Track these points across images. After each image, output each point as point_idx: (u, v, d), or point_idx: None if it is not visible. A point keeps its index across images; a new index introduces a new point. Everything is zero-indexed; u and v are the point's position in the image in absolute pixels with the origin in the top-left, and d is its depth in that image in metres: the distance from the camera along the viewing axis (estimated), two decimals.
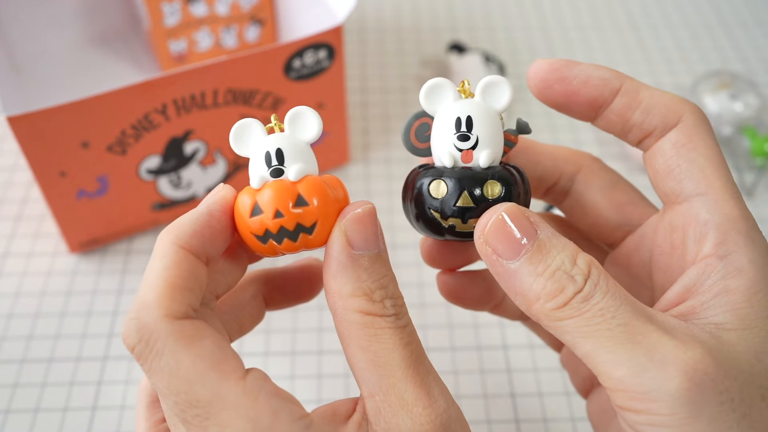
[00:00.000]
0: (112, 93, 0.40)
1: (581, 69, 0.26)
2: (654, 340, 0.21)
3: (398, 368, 0.23)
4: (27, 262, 0.47)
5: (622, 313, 0.21)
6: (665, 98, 0.25)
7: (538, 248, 0.23)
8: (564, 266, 0.22)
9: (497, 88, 0.26)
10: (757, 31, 0.65)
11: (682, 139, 0.25)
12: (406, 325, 0.24)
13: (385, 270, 0.24)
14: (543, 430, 0.40)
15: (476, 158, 0.25)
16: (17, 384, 0.41)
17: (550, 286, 0.22)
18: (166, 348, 0.22)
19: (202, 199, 0.48)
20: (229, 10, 0.56)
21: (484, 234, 0.23)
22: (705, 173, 0.24)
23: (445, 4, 0.68)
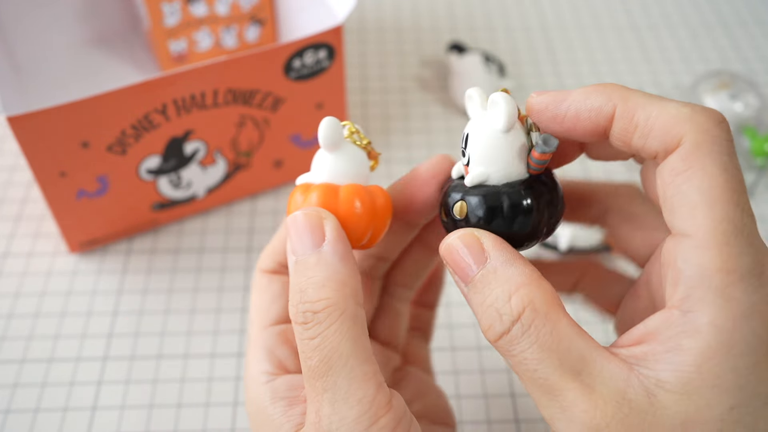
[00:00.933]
0: (112, 93, 0.40)
1: (570, 103, 0.24)
2: (569, 400, 0.21)
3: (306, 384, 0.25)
4: (27, 262, 0.47)
5: (543, 368, 0.21)
6: (663, 118, 0.22)
7: (480, 278, 0.23)
8: (497, 303, 0.22)
9: (495, 108, 0.25)
10: (757, 31, 0.65)
11: (678, 167, 0.21)
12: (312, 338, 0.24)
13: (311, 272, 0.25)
14: (543, 430, 0.40)
15: (468, 175, 0.25)
16: (17, 384, 0.41)
17: (485, 320, 0.22)
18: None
19: (202, 200, 0.48)
20: (229, 10, 0.56)
21: (441, 252, 0.24)
22: (694, 211, 0.21)
23: (445, 4, 0.68)
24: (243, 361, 0.43)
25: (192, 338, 0.43)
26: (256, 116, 0.46)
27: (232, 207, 0.51)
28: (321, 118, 0.49)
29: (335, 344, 0.23)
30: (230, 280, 0.46)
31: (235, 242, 0.48)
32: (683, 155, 0.21)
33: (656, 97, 0.23)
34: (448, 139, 0.55)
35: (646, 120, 0.22)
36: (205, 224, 0.50)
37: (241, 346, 0.43)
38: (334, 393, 0.23)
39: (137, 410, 0.40)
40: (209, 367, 0.42)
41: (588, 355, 0.21)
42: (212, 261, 0.47)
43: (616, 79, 0.60)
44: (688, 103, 0.22)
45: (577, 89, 0.24)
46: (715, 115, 0.21)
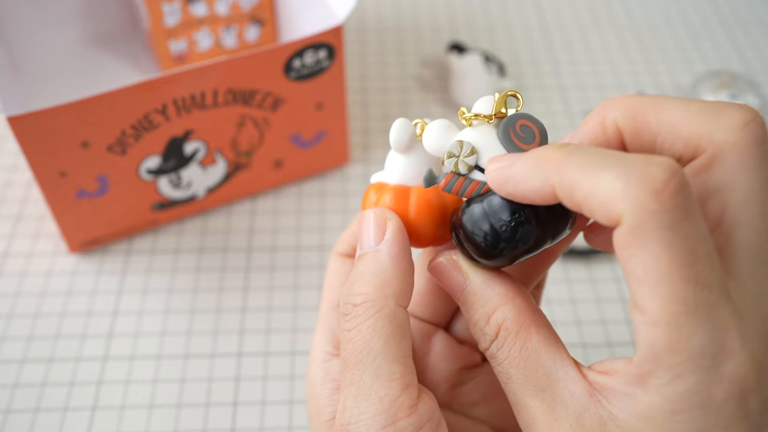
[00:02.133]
0: (112, 93, 0.40)
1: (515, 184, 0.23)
2: (530, 416, 0.23)
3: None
4: (27, 262, 0.47)
5: (512, 382, 0.23)
6: (598, 197, 0.20)
7: (463, 300, 0.25)
8: (479, 323, 0.24)
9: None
10: (757, 31, 0.65)
11: (622, 243, 0.20)
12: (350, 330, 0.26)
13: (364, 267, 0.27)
14: None
15: None
16: (17, 384, 0.41)
17: (474, 336, 0.25)
18: None
19: (202, 200, 0.49)
20: (229, 10, 0.56)
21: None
22: (643, 289, 0.20)
23: (445, 4, 0.68)
24: (243, 361, 0.43)
25: (192, 338, 0.43)
26: (256, 116, 0.46)
27: (232, 207, 0.51)
28: (321, 118, 0.49)
29: (367, 339, 0.24)
30: (230, 280, 0.46)
31: (235, 242, 0.48)
32: (624, 234, 0.19)
33: (595, 162, 0.20)
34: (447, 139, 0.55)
35: (585, 200, 0.20)
36: (205, 224, 0.50)
37: (241, 346, 0.43)
38: (358, 387, 0.24)
39: (137, 410, 0.40)
40: (209, 367, 0.42)
41: (554, 373, 0.22)
42: (212, 261, 0.47)
43: (616, 80, 0.60)
44: (626, 165, 0.20)
45: (518, 165, 0.22)
46: (654, 181, 0.19)
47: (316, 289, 0.46)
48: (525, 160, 0.22)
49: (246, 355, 0.43)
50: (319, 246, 0.48)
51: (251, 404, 0.41)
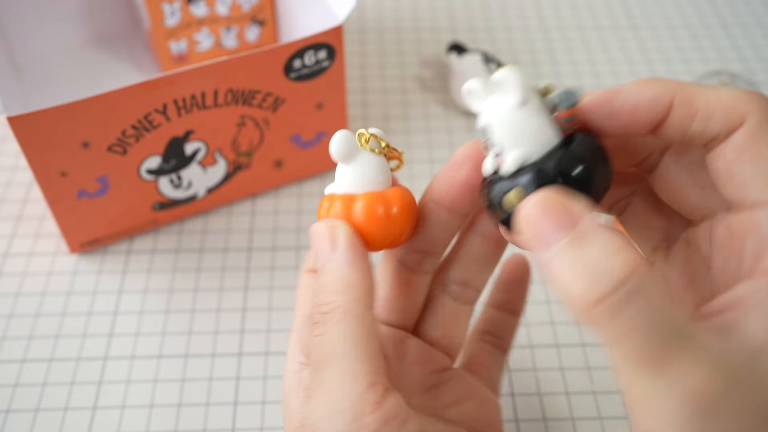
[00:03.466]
0: (112, 93, 0.40)
1: (627, 96, 0.24)
2: (677, 372, 0.20)
3: None
4: (27, 262, 0.47)
5: (651, 338, 0.20)
6: (724, 99, 0.22)
7: (575, 239, 0.21)
8: (600, 264, 0.20)
9: (506, 86, 0.24)
10: (757, 31, 0.65)
11: (745, 143, 0.22)
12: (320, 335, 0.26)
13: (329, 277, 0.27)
14: (543, 429, 0.40)
15: (504, 164, 0.24)
16: (17, 384, 0.41)
17: (583, 281, 0.20)
18: None
19: (202, 200, 0.49)
20: (230, 10, 0.56)
21: (519, 222, 0.22)
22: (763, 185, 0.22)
23: (445, 4, 0.68)
24: (243, 361, 0.43)
25: (192, 338, 0.44)
26: (257, 116, 0.46)
27: (232, 207, 0.51)
28: (321, 118, 0.49)
29: (334, 342, 0.25)
30: (230, 280, 0.46)
31: (235, 242, 0.49)
32: (749, 132, 0.22)
33: (708, 85, 0.23)
34: (448, 139, 0.55)
35: (707, 104, 0.23)
36: (205, 224, 0.50)
37: (242, 346, 0.43)
38: (327, 386, 0.24)
39: (137, 410, 0.40)
40: (209, 367, 0.42)
41: (689, 325, 0.20)
42: (212, 261, 0.47)
43: (616, 80, 0.60)
44: (741, 89, 0.23)
45: (629, 84, 0.24)
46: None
47: None
48: (633, 82, 0.24)
49: (246, 355, 0.43)
50: None
51: (251, 404, 0.41)
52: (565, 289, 0.20)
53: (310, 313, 0.26)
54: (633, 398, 0.20)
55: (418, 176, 0.52)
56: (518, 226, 0.22)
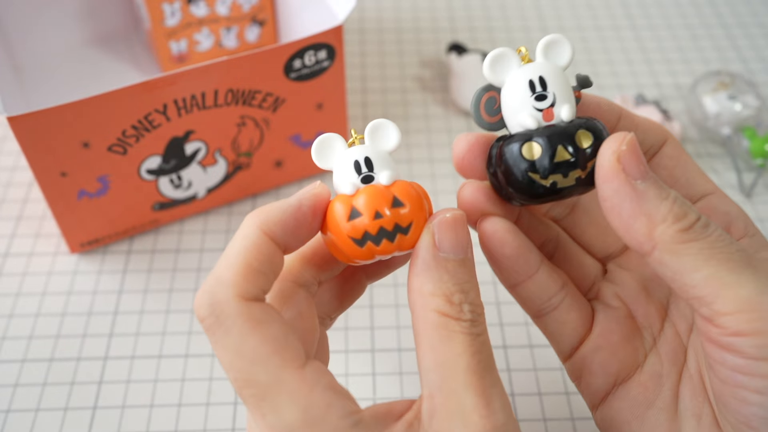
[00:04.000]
0: (112, 93, 0.40)
1: (590, 97, 0.28)
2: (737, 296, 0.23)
3: (462, 374, 0.23)
4: (27, 262, 0.47)
5: (734, 241, 0.24)
6: (651, 122, 0.28)
7: (655, 176, 0.24)
8: (680, 197, 0.24)
9: (557, 46, 0.27)
10: (757, 31, 0.65)
11: (676, 154, 0.28)
12: (480, 334, 0.24)
13: (468, 276, 0.25)
14: (543, 429, 0.40)
15: (557, 114, 0.26)
16: (17, 384, 0.41)
17: (676, 209, 0.24)
18: (234, 327, 0.23)
19: (202, 200, 0.49)
20: (230, 10, 0.56)
21: (618, 152, 0.24)
22: (704, 178, 0.28)
23: (445, 4, 0.68)
24: None
25: (192, 338, 0.44)
26: (257, 116, 0.46)
27: (232, 207, 0.51)
28: (321, 118, 0.49)
29: (490, 346, 0.25)
30: None
31: None
32: (675, 147, 0.29)
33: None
34: (448, 139, 0.55)
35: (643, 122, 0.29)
36: (205, 224, 0.50)
37: None
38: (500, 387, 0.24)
39: (137, 410, 0.40)
40: (209, 367, 0.42)
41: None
42: (212, 261, 0.47)
43: (616, 80, 0.60)
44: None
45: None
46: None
47: None
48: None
49: None
50: None
51: None
52: (657, 217, 0.24)
53: (453, 307, 0.24)
54: (742, 304, 0.22)
55: (418, 176, 0.52)
56: (617, 152, 0.24)
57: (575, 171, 0.25)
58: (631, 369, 0.29)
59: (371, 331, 0.44)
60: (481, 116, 0.27)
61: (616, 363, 0.29)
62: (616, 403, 0.29)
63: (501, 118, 0.27)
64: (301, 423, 0.23)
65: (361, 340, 0.43)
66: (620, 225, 0.24)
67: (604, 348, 0.29)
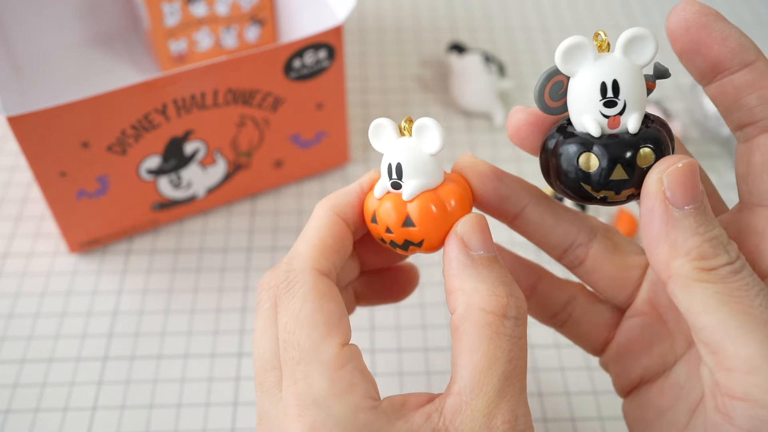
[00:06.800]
0: (112, 93, 0.40)
1: (726, 26, 0.23)
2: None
3: (497, 379, 0.24)
4: (27, 262, 0.47)
5: (764, 296, 0.22)
6: (742, 362, 0.22)
7: (703, 210, 0.23)
8: (722, 237, 0.22)
9: (640, 43, 0.24)
10: (757, 31, 0.65)
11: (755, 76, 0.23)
12: (521, 338, 0.25)
13: (504, 270, 0.25)
14: (543, 429, 0.40)
15: (623, 123, 0.24)
16: (17, 384, 0.41)
17: (705, 247, 0.22)
18: (299, 293, 0.25)
19: (202, 200, 0.49)
20: (229, 10, 0.56)
21: (666, 173, 0.23)
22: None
23: (445, 4, 0.68)
24: (243, 361, 0.43)
25: (192, 338, 0.44)
26: (256, 116, 0.46)
27: (232, 207, 0.51)
28: (321, 118, 0.49)
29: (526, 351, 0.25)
30: (230, 280, 0.46)
31: (235, 242, 0.49)
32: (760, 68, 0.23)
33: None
34: (449, 139, 0.55)
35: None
36: (205, 224, 0.50)
37: (242, 346, 0.43)
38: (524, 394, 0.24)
39: (137, 410, 0.40)
40: (209, 367, 0.42)
41: None
42: (212, 261, 0.47)
43: None
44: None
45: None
46: None
47: None
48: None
49: (246, 355, 0.43)
50: None
51: (251, 404, 0.41)
52: (681, 249, 0.22)
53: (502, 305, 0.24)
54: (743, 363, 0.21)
55: None
56: (664, 173, 0.23)
57: (629, 189, 0.24)
58: (655, 374, 0.29)
59: (396, 330, 0.44)
60: (545, 101, 0.25)
61: (639, 368, 0.29)
62: (636, 400, 0.29)
63: (565, 103, 0.25)
64: (326, 394, 0.24)
65: (388, 339, 0.43)
66: (646, 244, 0.23)
67: (625, 354, 0.29)
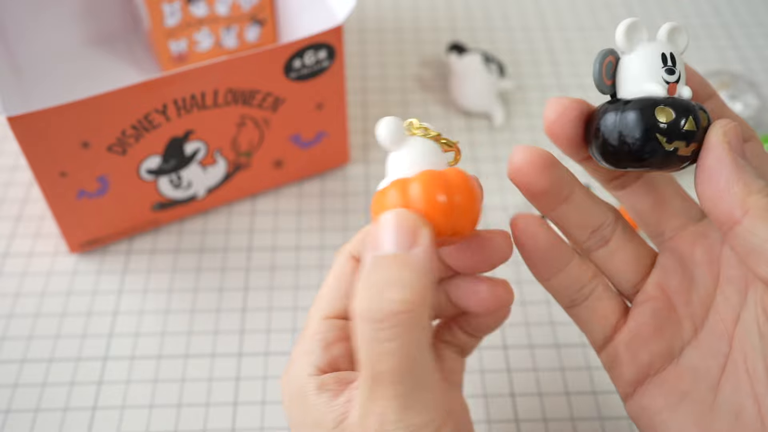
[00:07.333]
0: (112, 93, 0.40)
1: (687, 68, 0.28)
2: None
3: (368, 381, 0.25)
4: (27, 262, 0.47)
5: None
6: (739, 117, 0.28)
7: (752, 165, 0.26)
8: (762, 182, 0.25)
9: (678, 33, 0.28)
10: (757, 31, 0.65)
11: (759, 152, 0.28)
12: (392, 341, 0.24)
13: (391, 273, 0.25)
14: (543, 429, 0.40)
15: (679, 92, 0.27)
16: (17, 384, 0.41)
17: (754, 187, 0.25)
18: None
19: (202, 200, 0.49)
20: (230, 10, 0.56)
21: (727, 128, 0.26)
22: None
23: (445, 4, 0.68)
24: (243, 361, 0.43)
25: (192, 338, 0.44)
26: (256, 116, 0.46)
27: (232, 207, 0.51)
28: (321, 118, 0.49)
29: (413, 351, 0.23)
30: (230, 280, 0.46)
31: (235, 242, 0.49)
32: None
33: None
34: None
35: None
36: (205, 224, 0.50)
37: (241, 346, 0.43)
38: (406, 400, 0.23)
39: (137, 410, 0.40)
40: (209, 367, 0.42)
41: None
42: (212, 261, 0.47)
43: None
44: None
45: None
46: None
47: (315, 289, 0.46)
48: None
49: (246, 355, 0.43)
50: (319, 246, 0.48)
51: (251, 404, 0.41)
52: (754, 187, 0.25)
53: (364, 309, 0.23)
54: None
55: None
56: (716, 131, 0.26)
57: (693, 144, 0.26)
58: (665, 361, 0.29)
59: None
60: (602, 78, 0.28)
61: (648, 355, 0.29)
62: (650, 390, 0.29)
63: (614, 83, 0.28)
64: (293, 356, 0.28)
65: None
66: (714, 192, 0.25)
67: (636, 339, 0.29)
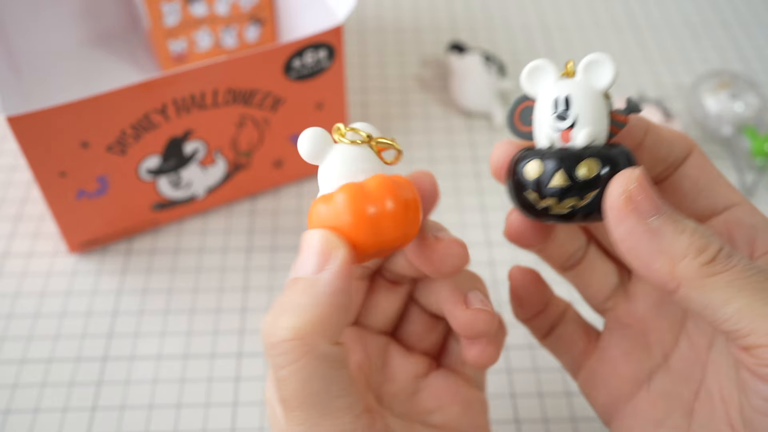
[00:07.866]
0: (112, 93, 0.40)
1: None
2: None
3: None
4: (27, 262, 0.47)
5: (761, 270, 0.22)
6: (677, 134, 0.27)
7: (671, 209, 0.23)
8: (699, 227, 0.23)
9: (598, 67, 0.25)
10: (757, 31, 0.65)
11: (701, 164, 0.27)
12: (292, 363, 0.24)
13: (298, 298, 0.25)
14: (543, 430, 0.40)
15: (573, 138, 0.25)
16: (17, 384, 0.41)
17: (696, 241, 0.23)
18: None
19: (202, 200, 0.49)
20: (229, 10, 0.56)
21: (628, 191, 0.23)
22: (730, 188, 0.27)
23: (445, 4, 0.68)
24: (243, 361, 0.43)
25: (192, 338, 0.43)
26: (256, 116, 0.46)
27: (232, 207, 0.51)
28: (321, 118, 0.49)
29: (303, 381, 0.23)
30: (230, 280, 0.46)
31: (235, 242, 0.48)
32: (701, 156, 0.27)
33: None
34: (448, 139, 0.55)
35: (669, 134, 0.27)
36: (205, 224, 0.50)
37: (241, 346, 0.43)
38: (311, 427, 0.23)
39: (137, 410, 0.40)
40: (209, 367, 0.42)
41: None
42: (212, 261, 0.47)
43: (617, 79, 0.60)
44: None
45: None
46: None
47: None
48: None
49: (246, 355, 0.43)
50: None
51: (251, 404, 0.41)
52: (677, 253, 0.23)
53: (266, 327, 0.23)
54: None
55: None
56: (626, 190, 0.23)
57: (570, 199, 0.24)
58: (633, 386, 0.29)
59: None
60: (514, 124, 0.27)
61: (616, 379, 0.29)
62: (626, 420, 0.29)
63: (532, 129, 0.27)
64: None
65: None
66: (640, 266, 0.23)
67: (605, 362, 0.29)
